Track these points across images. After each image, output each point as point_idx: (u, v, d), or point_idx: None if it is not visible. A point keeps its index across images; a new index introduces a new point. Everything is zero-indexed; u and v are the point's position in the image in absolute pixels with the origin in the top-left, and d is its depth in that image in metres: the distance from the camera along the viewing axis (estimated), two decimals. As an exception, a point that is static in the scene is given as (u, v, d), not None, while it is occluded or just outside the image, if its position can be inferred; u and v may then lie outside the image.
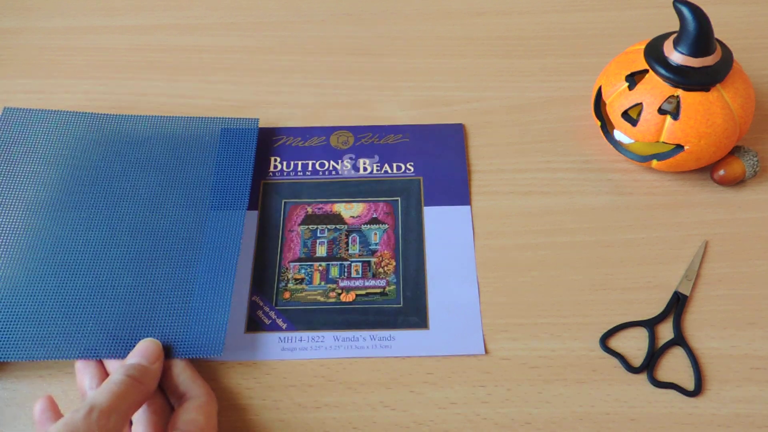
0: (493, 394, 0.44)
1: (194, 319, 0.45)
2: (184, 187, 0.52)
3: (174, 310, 0.46)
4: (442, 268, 0.50)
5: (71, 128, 0.55)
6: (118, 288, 0.47)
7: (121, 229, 0.49)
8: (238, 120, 0.56)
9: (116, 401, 0.37)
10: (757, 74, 0.61)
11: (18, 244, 0.49)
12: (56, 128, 0.55)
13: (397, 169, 0.55)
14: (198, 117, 0.56)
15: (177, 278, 0.47)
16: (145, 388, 0.40)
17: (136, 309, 0.46)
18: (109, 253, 0.48)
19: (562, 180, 0.54)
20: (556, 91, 0.60)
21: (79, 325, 0.45)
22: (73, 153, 0.53)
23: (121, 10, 0.68)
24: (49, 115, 0.55)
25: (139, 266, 0.48)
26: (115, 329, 0.45)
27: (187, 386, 0.42)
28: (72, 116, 0.55)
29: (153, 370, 0.41)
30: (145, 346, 0.43)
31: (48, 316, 0.45)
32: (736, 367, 0.45)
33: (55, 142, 0.54)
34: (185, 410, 0.40)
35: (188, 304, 0.46)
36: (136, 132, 0.55)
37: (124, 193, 0.51)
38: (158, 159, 0.53)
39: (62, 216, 0.50)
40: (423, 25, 0.66)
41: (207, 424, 0.40)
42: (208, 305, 0.46)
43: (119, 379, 0.39)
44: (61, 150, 0.53)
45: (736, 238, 0.51)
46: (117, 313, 0.46)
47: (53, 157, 0.53)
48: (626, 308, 0.48)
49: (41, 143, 0.54)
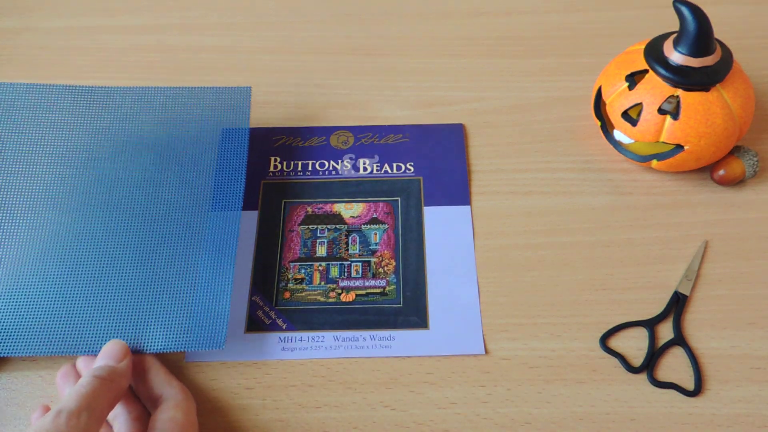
0: (493, 394, 0.44)
1: (196, 312, 0.45)
2: (180, 169, 0.51)
3: (175, 302, 0.45)
4: (442, 268, 0.50)
5: (59, 103, 0.53)
6: (118, 280, 0.46)
7: (118, 216, 0.48)
8: (230, 89, 0.54)
9: (84, 401, 0.37)
10: (757, 74, 0.61)
11: (12, 233, 0.48)
12: (44, 103, 0.53)
13: (397, 169, 0.55)
14: (188, 87, 0.55)
15: (177, 270, 0.47)
16: (115, 386, 0.39)
17: (137, 302, 0.45)
18: (107, 243, 0.47)
19: (562, 180, 0.54)
20: (556, 91, 0.60)
21: (80, 319, 0.45)
22: (60, 129, 0.52)
23: (121, 10, 0.68)
24: (35, 89, 0.54)
25: (139, 258, 0.47)
26: (118, 322, 0.45)
27: (162, 388, 0.42)
28: (60, 89, 0.54)
29: (120, 368, 0.41)
30: (109, 348, 0.42)
31: (48, 310, 0.45)
32: (736, 367, 0.45)
33: (44, 117, 0.52)
34: (162, 410, 0.40)
35: (189, 296, 0.46)
36: (125, 105, 0.53)
37: (118, 175, 0.50)
38: (149, 135, 0.52)
39: (57, 202, 0.49)
40: (423, 25, 0.66)
41: (186, 421, 0.40)
42: (208, 297, 0.46)
43: (86, 381, 0.39)
44: (50, 126, 0.52)
45: (736, 238, 0.51)
46: (119, 305, 0.45)
47: (42, 134, 0.51)
48: (626, 308, 0.48)
49: (28, 120, 0.52)
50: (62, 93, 0.54)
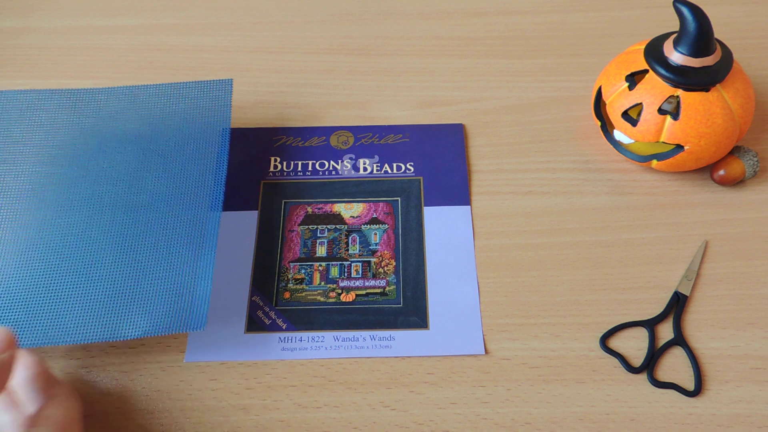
0: (493, 394, 0.44)
1: (176, 295, 0.45)
2: (162, 160, 0.51)
3: (156, 288, 0.45)
4: (442, 268, 0.50)
5: (44, 107, 0.54)
6: (99, 269, 0.46)
7: (101, 206, 0.49)
8: (211, 83, 0.55)
9: None
10: (757, 74, 0.61)
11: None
12: (28, 108, 0.53)
13: (397, 169, 0.55)
14: (170, 84, 0.55)
15: (158, 255, 0.47)
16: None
17: (117, 289, 0.45)
18: (89, 235, 0.47)
19: (562, 180, 0.54)
20: (556, 91, 0.60)
21: (64, 309, 0.44)
22: (47, 131, 0.52)
23: (121, 10, 0.68)
24: (18, 95, 0.54)
25: (120, 247, 0.47)
26: (100, 311, 0.44)
27: (45, 387, 0.41)
28: (43, 94, 0.54)
29: (2, 359, 0.38)
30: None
31: (31, 299, 0.45)
32: (736, 367, 0.45)
33: (28, 122, 0.53)
34: (44, 408, 0.40)
35: (170, 281, 0.45)
36: (110, 105, 0.54)
37: (101, 169, 0.50)
38: (132, 130, 0.52)
39: (41, 196, 0.49)
40: (423, 25, 0.66)
41: (66, 418, 0.40)
42: (189, 281, 0.45)
43: None
44: (35, 130, 0.52)
45: (736, 238, 0.51)
46: (101, 294, 0.45)
47: (27, 135, 0.52)
48: (626, 308, 0.48)
49: (13, 123, 0.53)
50: (48, 97, 0.55)
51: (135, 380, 0.45)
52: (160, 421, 0.44)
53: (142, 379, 0.45)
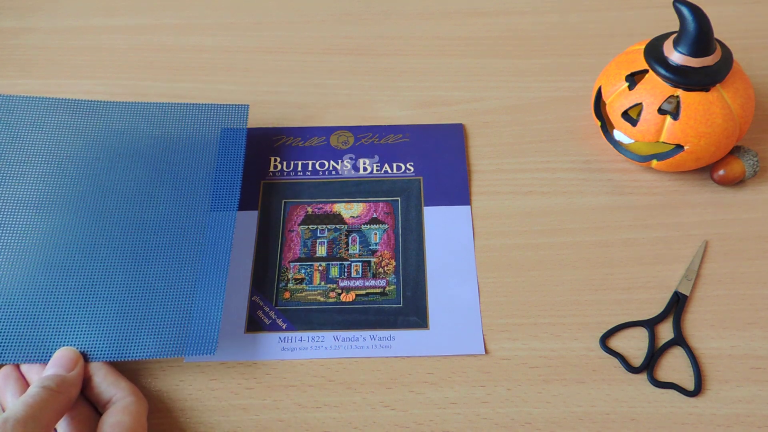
0: (493, 394, 0.44)
1: (187, 319, 0.45)
2: (175, 180, 0.51)
3: (166, 310, 0.45)
4: (442, 268, 0.50)
5: (56, 115, 0.53)
6: (109, 288, 0.46)
7: (111, 224, 0.48)
8: (228, 107, 0.55)
9: (31, 411, 0.37)
10: (757, 74, 0.61)
11: (3, 242, 0.47)
12: (40, 115, 0.53)
13: (397, 169, 0.55)
14: (186, 104, 0.55)
15: (169, 276, 0.47)
16: (64, 397, 0.39)
17: (128, 309, 0.45)
18: (99, 251, 0.47)
19: (561, 180, 0.54)
20: (556, 91, 0.60)
21: (71, 326, 0.44)
22: (57, 142, 0.52)
23: (121, 10, 0.68)
24: (31, 101, 0.54)
25: (129, 266, 0.47)
26: (107, 330, 0.44)
27: (111, 391, 0.42)
28: (56, 103, 0.54)
29: (70, 377, 0.41)
30: (60, 355, 0.42)
31: (39, 317, 0.44)
32: (736, 367, 0.45)
33: (40, 130, 0.52)
34: (110, 414, 0.40)
35: (180, 303, 0.45)
36: (122, 119, 0.53)
37: (112, 186, 0.50)
38: (145, 148, 0.52)
39: (51, 211, 0.49)
40: (423, 25, 0.66)
41: (133, 424, 0.40)
42: (200, 304, 0.45)
43: (34, 392, 0.38)
44: (46, 139, 0.52)
45: (736, 238, 0.51)
46: (108, 313, 0.45)
47: (38, 146, 0.51)
48: (626, 308, 0.48)
49: (25, 131, 0.52)
50: (59, 106, 0.54)
51: (135, 380, 0.45)
52: (160, 421, 0.44)
53: (142, 379, 0.45)
